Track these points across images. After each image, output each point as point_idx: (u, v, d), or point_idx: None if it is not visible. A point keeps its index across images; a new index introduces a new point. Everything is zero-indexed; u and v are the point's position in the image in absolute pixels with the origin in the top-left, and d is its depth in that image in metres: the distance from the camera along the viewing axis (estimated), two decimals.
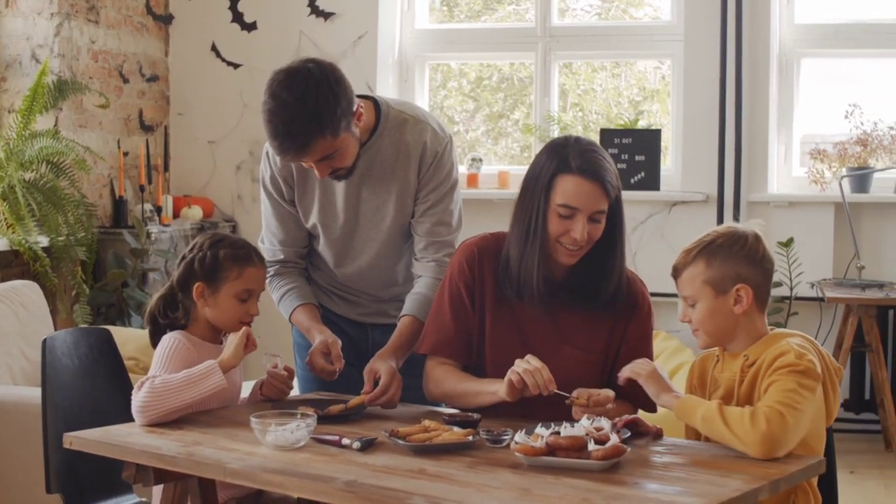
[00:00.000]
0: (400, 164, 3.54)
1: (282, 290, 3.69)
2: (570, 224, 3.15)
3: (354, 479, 2.58)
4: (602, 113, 7.44)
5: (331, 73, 3.31)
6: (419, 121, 3.56)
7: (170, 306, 3.41)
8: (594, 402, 3.05)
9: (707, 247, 3.03)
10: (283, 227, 3.69)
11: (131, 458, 2.94)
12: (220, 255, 3.36)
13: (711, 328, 3.02)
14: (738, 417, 2.76)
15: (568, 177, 3.14)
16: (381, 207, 3.58)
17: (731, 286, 2.98)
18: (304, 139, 3.25)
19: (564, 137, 3.26)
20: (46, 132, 5.98)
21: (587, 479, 2.59)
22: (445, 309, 3.37)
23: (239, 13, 7.05)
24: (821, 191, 6.42)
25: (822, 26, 6.57)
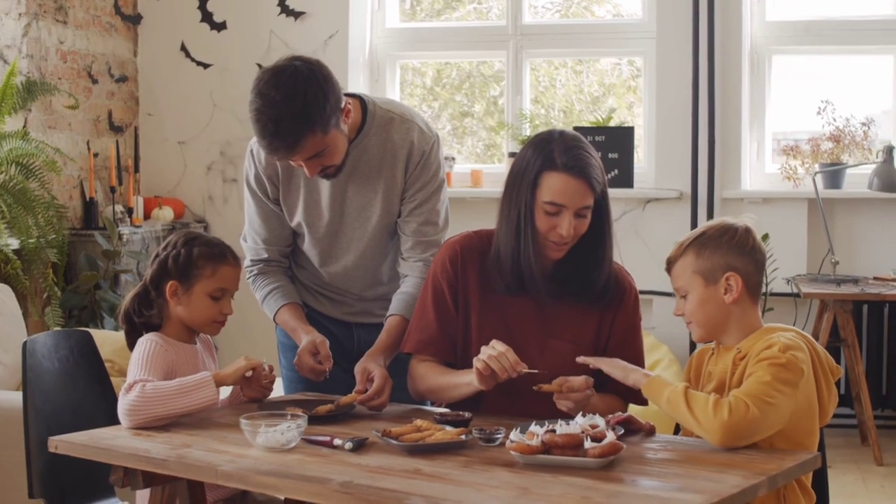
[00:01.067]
0: (386, 162, 3.51)
1: (265, 289, 3.65)
2: (556, 220, 3.14)
3: (350, 481, 2.55)
4: (564, 109, 7.43)
5: (318, 70, 3.27)
6: (406, 119, 3.54)
7: (144, 305, 3.38)
8: (567, 387, 3.04)
9: (698, 238, 3.05)
10: (267, 225, 3.65)
11: (119, 462, 2.89)
12: (195, 253, 3.33)
13: (703, 318, 3.03)
14: (702, 404, 2.78)
15: (554, 174, 3.13)
16: (367, 206, 3.55)
17: (721, 275, 2.99)
18: (294, 137, 3.22)
19: (549, 132, 3.25)
20: (15, 133, 5.91)
21: (585, 476, 2.57)
22: (429, 308, 3.35)
23: (208, 13, 6.99)
24: (794, 187, 6.44)
25: (794, 23, 6.59)
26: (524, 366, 3.05)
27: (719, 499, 2.41)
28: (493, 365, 3.03)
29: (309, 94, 3.21)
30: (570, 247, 3.22)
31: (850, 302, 5.88)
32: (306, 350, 3.41)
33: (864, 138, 6.40)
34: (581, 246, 3.23)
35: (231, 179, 6.96)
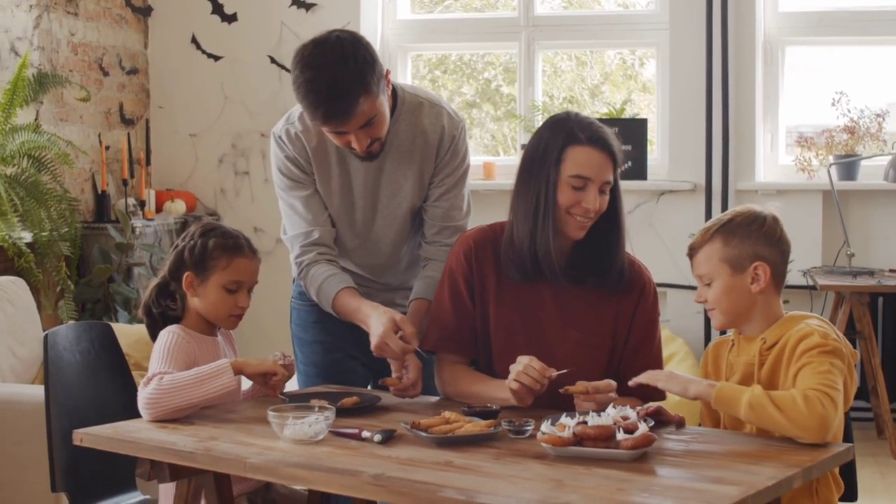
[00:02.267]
0: (417, 147, 3.49)
1: (319, 279, 3.47)
2: (581, 195, 3.13)
3: (381, 473, 2.53)
4: (569, 99, 7.40)
5: (360, 37, 3.30)
6: (434, 104, 3.52)
7: (164, 296, 3.36)
8: (593, 388, 3.02)
9: (725, 225, 3.02)
10: (310, 209, 3.53)
11: (146, 455, 2.87)
12: (210, 245, 3.31)
13: (728, 306, 3.00)
14: (790, 402, 2.70)
15: (579, 147, 3.14)
16: (398, 192, 3.52)
17: (749, 264, 2.97)
18: (351, 99, 3.19)
19: (565, 113, 3.27)
20: (27, 126, 5.88)
21: (618, 468, 2.54)
22: (446, 304, 3.34)
23: (219, 5, 6.97)
24: (808, 179, 6.42)
25: (807, 14, 6.56)
26: (552, 371, 3.04)
27: (755, 491, 2.39)
28: (523, 380, 3.02)
29: (359, 56, 3.21)
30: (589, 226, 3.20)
31: (867, 294, 5.86)
32: (389, 331, 3.23)
33: (878, 130, 6.37)
34: (596, 228, 3.22)
35: (243, 172, 6.94)
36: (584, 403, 3.00)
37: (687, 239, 6.04)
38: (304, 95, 3.24)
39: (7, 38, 6.12)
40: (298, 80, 3.24)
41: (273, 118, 6.76)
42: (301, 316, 3.71)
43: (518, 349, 3.15)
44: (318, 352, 3.66)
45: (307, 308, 3.68)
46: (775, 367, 2.92)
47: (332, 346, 3.63)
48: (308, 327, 3.68)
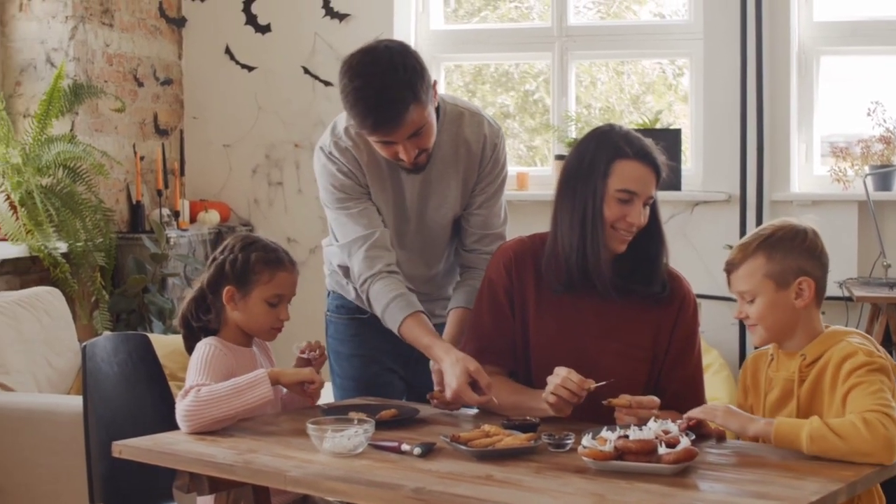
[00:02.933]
0: (461, 157, 3.48)
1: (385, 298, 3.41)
2: (627, 209, 3.14)
3: (422, 487, 2.53)
4: (606, 110, 7.38)
5: (408, 46, 3.31)
6: (475, 113, 3.52)
7: (202, 309, 3.36)
8: (636, 403, 3.01)
9: (766, 240, 2.98)
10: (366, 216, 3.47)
11: (185, 467, 2.88)
12: (252, 259, 3.31)
13: (772, 323, 2.97)
14: (850, 429, 2.67)
15: (626, 162, 3.14)
16: (443, 203, 3.52)
17: (793, 279, 2.94)
18: (401, 106, 3.18)
19: (608, 125, 3.28)
20: (63, 137, 5.91)
21: (660, 483, 2.54)
22: (485, 315, 3.33)
23: (253, 15, 6.97)
24: (844, 189, 6.37)
25: (842, 24, 6.52)
26: (591, 382, 3.03)
27: None
28: (561, 394, 3.02)
29: (408, 64, 3.21)
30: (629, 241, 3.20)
31: None
32: (464, 385, 3.14)
33: None
34: (638, 241, 3.22)
35: (276, 182, 6.94)
36: (625, 417, 2.99)
37: (722, 250, 6.05)
38: (353, 104, 3.23)
39: (43, 50, 6.15)
40: (347, 89, 3.23)
41: (306, 128, 6.86)
42: (338, 329, 3.70)
43: (557, 361, 3.14)
44: (356, 365, 3.65)
45: (344, 321, 3.67)
46: (816, 385, 2.90)
47: (371, 360, 3.63)
48: (345, 341, 3.67)
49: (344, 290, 3.67)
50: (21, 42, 6.18)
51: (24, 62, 6.17)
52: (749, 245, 3.01)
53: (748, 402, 3.12)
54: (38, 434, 4.47)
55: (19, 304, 5.05)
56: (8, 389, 4.73)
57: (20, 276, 5.79)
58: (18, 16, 6.17)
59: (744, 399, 3.14)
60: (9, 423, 4.51)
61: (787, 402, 2.97)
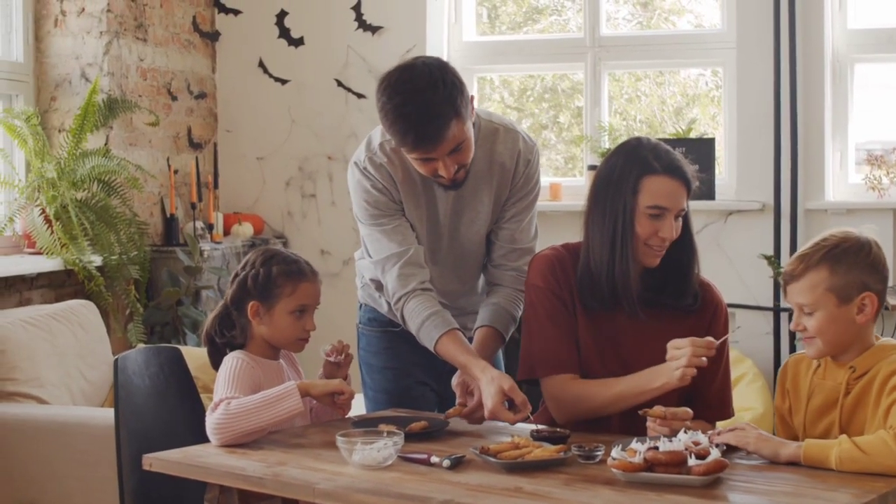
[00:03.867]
0: (495, 173, 3.48)
1: (420, 316, 3.40)
2: (658, 224, 3.12)
3: (451, 499, 2.52)
4: (646, 121, 7.37)
5: (445, 62, 3.31)
6: (510, 129, 3.51)
7: (226, 325, 3.37)
8: (671, 414, 2.99)
9: (830, 252, 2.91)
10: (400, 232, 3.47)
11: (215, 480, 2.89)
12: (273, 272, 3.32)
13: (831, 338, 2.91)
14: (879, 446, 2.65)
15: (655, 177, 3.13)
16: (476, 219, 3.51)
17: (856, 295, 2.88)
18: (441, 122, 3.17)
19: (634, 139, 3.25)
20: (97, 151, 5.94)
21: (689, 495, 2.52)
22: (545, 324, 3.27)
23: (286, 28, 7.00)
24: (879, 197, 6.32)
25: (876, 31, 6.47)
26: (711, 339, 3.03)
27: None
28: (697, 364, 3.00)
29: (447, 80, 3.21)
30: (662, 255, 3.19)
31: None
32: (499, 406, 3.13)
33: None
34: (670, 252, 3.20)
35: (310, 195, 6.96)
36: (658, 429, 2.97)
37: (756, 259, 6.03)
38: (392, 122, 3.22)
39: (78, 65, 6.19)
40: (387, 107, 3.22)
41: (339, 141, 6.87)
42: (370, 342, 3.70)
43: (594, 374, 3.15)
44: (388, 378, 3.65)
45: (377, 334, 3.67)
46: (862, 397, 2.87)
47: (403, 373, 3.63)
48: (378, 353, 3.67)
49: (376, 303, 3.66)
50: (56, 58, 6.22)
51: (60, 77, 6.21)
52: (811, 256, 2.93)
53: (786, 404, 3.09)
54: (71, 447, 4.50)
55: (54, 317, 5.08)
56: (42, 402, 4.76)
57: (55, 289, 5.83)
58: (54, 32, 6.21)
59: (782, 401, 3.10)
60: (43, 435, 4.53)
61: (829, 411, 2.93)
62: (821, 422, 2.94)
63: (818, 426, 2.95)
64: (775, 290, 6.15)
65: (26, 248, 5.80)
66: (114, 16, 6.20)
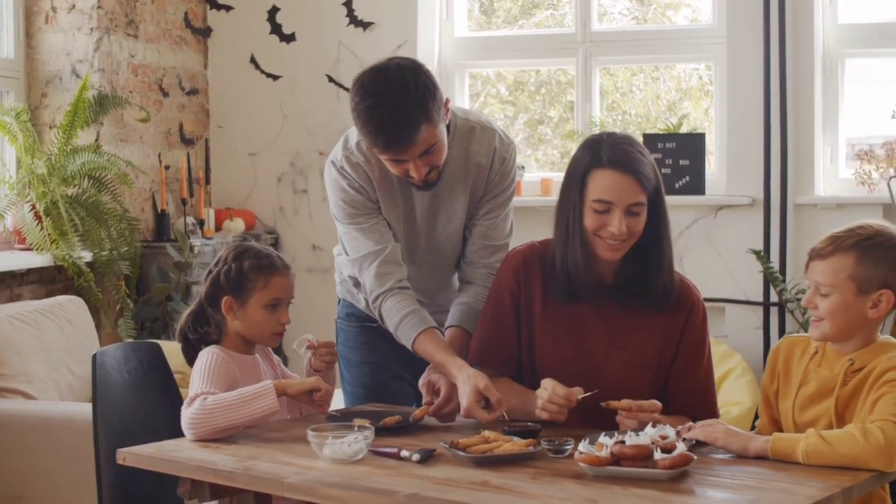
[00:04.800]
0: (471, 172, 3.49)
1: (398, 315, 3.42)
2: (606, 218, 3.10)
3: (417, 493, 2.53)
4: (642, 115, 7.37)
5: (420, 64, 3.31)
6: (486, 128, 3.52)
7: (200, 322, 3.39)
8: (637, 406, 3.00)
9: (864, 241, 2.89)
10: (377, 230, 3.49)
11: (186, 474, 2.90)
12: (245, 267, 3.34)
13: (840, 323, 2.91)
14: (847, 439, 2.66)
15: (600, 171, 3.10)
16: (453, 217, 3.53)
17: (875, 289, 2.88)
18: (413, 125, 3.18)
19: (600, 133, 3.24)
20: (88, 147, 5.96)
21: (655, 488, 2.53)
22: (488, 319, 3.35)
23: (277, 25, 7.01)
24: (868, 192, 6.32)
25: (867, 26, 6.47)
26: (578, 390, 3.03)
27: None
28: (549, 409, 3.04)
29: (419, 83, 3.21)
30: (629, 247, 3.17)
31: None
32: (474, 405, 3.16)
33: None
34: (638, 248, 3.19)
35: (301, 191, 6.97)
36: (626, 421, 2.99)
37: (745, 254, 6.02)
38: (364, 123, 3.23)
39: (68, 61, 6.20)
40: (359, 108, 3.23)
41: (331, 137, 6.87)
42: (348, 337, 3.72)
43: (563, 368, 3.16)
44: (366, 373, 3.67)
45: (355, 329, 3.69)
46: (856, 391, 2.87)
47: (380, 367, 3.64)
48: (355, 348, 3.69)
49: (354, 299, 3.68)
50: (47, 54, 6.23)
51: (50, 74, 6.23)
52: (844, 240, 2.91)
53: (774, 385, 3.07)
54: (58, 441, 4.52)
55: (42, 312, 5.10)
56: (30, 397, 4.78)
57: (46, 285, 5.85)
58: (44, 28, 6.23)
59: (770, 383, 3.08)
60: (30, 430, 4.55)
61: (823, 399, 2.92)
62: (810, 409, 2.93)
63: (807, 413, 2.94)
64: (765, 285, 6.16)
65: (17, 244, 5.83)
66: (104, 12, 6.21)
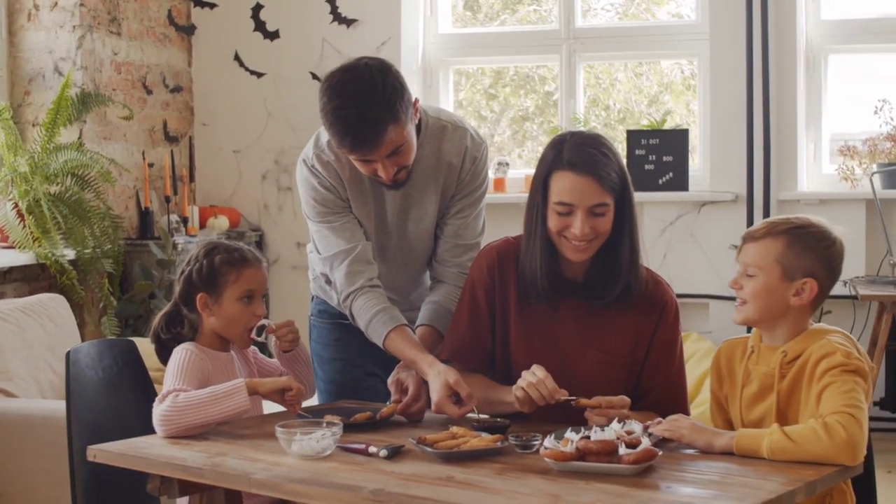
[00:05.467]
0: (442, 171, 3.49)
1: (368, 313, 3.43)
2: (569, 220, 3.10)
3: (381, 488, 2.54)
4: (625, 111, 7.38)
5: (389, 65, 3.29)
6: (458, 127, 3.52)
7: (173, 322, 3.40)
8: (607, 403, 3.01)
9: (797, 229, 2.93)
10: (348, 229, 3.50)
11: (156, 470, 2.91)
12: (216, 262, 3.35)
13: (761, 306, 2.94)
14: (810, 435, 2.67)
15: (561, 173, 3.10)
16: (424, 216, 3.53)
17: (800, 277, 2.91)
18: (380, 126, 3.18)
19: (564, 133, 3.22)
20: (71, 145, 5.97)
21: (619, 483, 2.54)
22: (463, 315, 3.34)
23: (261, 22, 7.02)
24: (851, 188, 6.34)
25: (850, 22, 6.49)
26: (563, 393, 3.03)
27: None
28: (531, 393, 3.02)
29: (387, 84, 3.20)
30: (597, 248, 3.17)
31: None
32: (445, 399, 3.15)
33: None
34: (603, 250, 3.19)
35: (286, 188, 6.98)
36: (595, 418, 2.99)
37: (729, 250, 6.02)
38: (331, 123, 3.23)
39: (51, 59, 6.21)
40: (327, 108, 3.23)
41: None
42: (321, 334, 3.72)
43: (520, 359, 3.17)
44: (338, 369, 3.67)
45: (327, 326, 3.69)
46: (796, 382, 2.89)
47: (353, 364, 3.65)
48: (328, 345, 3.70)
49: (327, 296, 3.69)
50: (29, 52, 6.24)
51: (33, 72, 6.24)
52: (777, 225, 2.96)
53: (723, 391, 3.10)
54: (39, 439, 4.51)
55: (23, 310, 5.09)
56: (10, 395, 4.78)
57: (29, 283, 5.86)
58: (27, 26, 6.24)
59: (718, 387, 3.12)
60: (10, 428, 4.54)
61: (765, 396, 2.95)
62: (756, 408, 2.95)
63: (753, 412, 2.96)
64: None
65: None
66: (87, 10, 6.22)
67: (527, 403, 3.05)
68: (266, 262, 3.48)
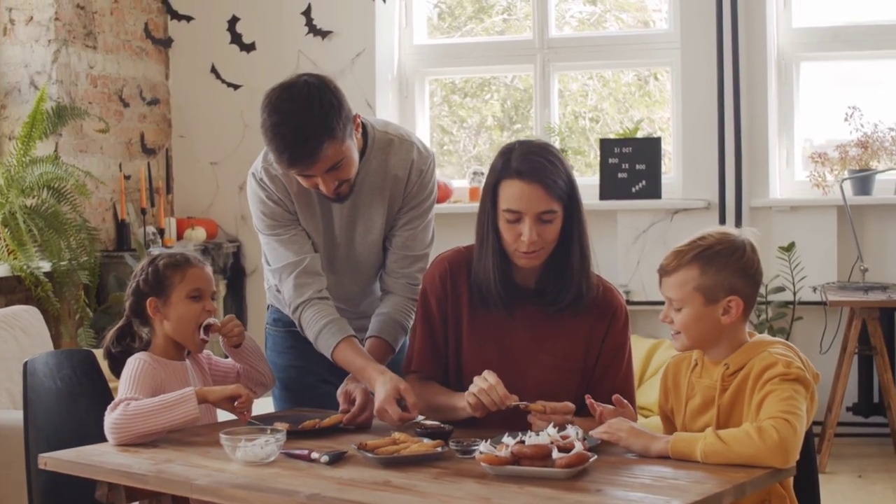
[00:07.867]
0: (388, 184, 3.53)
1: (317, 325, 3.47)
2: (518, 227, 3.13)
3: (318, 493, 2.58)
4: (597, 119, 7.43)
5: (328, 81, 3.33)
6: (404, 140, 3.56)
7: (123, 336, 3.45)
8: (551, 409, 3.05)
9: (703, 252, 2.95)
10: (297, 241, 3.54)
11: (103, 477, 2.94)
12: (161, 266, 3.43)
13: (696, 334, 2.96)
14: (743, 438, 2.70)
15: (509, 181, 3.14)
16: (371, 229, 3.57)
17: (723, 297, 2.92)
18: (315, 143, 3.22)
19: (513, 142, 3.25)
20: (46, 158, 6.01)
21: (551, 487, 2.57)
22: (418, 325, 3.39)
23: (237, 34, 7.08)
24: (823, 194, 6.39)
25: (821, 29, 6.54)
26: (514, 398, 3.06)
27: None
28: (482, 399, 3.06)
29: (324, 101, 3.24)
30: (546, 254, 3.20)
31: (878, 309, 5.82)
32: (391, 398, 3.19)
33: (892, 144, 6.33)
34: (557, 254, 3.23)
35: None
36: (537, 422, 3.03)
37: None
38: (270, 140, 3.28)
39: (26, 73, 6.26)
40: (266, 125, 3.27)
41: None
42: (276, 341, 3.77)
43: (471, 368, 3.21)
44: (292, 376, 3.71)
45: (282, 334, 3.74)
46: (738, 394, 2.91)
47: (307, 371, 3.68)
48: (283, 353, 3.74)
49: (281, 305, 3.73)
50: (5, 66, 6.30)
51: (9, 86, 6.28)
52: (685, 254, 2.97)
53: (669, 405, 3.15)
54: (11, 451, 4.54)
55: None
56: None
57: (5, 295, 5.90)
58: (2, 40, 6.29)
59: (665, 402, 3.16)
60: None
61: (707, 409, 2.98)
62: (699, 420, 2.98)
63: (696, 424, 2.99)
64: None
65: None
66: (62, 24, 6.27)
67: (479, 409, 3.09)
68: (210, 267, 3.54)
